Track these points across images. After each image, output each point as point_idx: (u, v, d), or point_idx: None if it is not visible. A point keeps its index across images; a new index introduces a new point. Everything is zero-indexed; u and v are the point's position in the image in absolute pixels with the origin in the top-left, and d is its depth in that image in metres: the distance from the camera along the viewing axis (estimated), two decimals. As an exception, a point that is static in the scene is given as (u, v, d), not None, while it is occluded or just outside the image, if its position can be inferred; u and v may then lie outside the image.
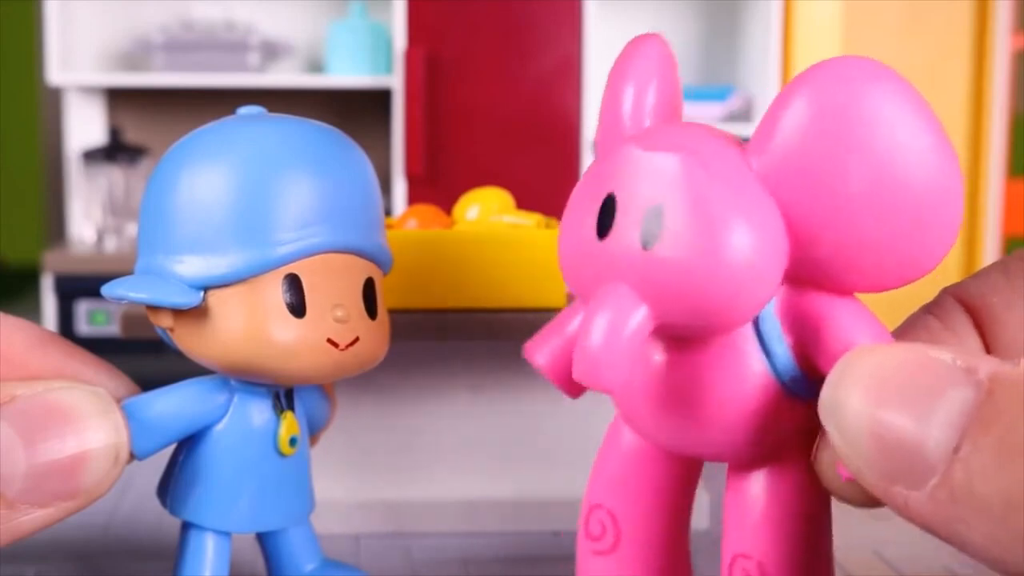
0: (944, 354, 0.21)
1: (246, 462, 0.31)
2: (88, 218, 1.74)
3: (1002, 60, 1.59)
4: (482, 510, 0.44)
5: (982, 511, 0.20)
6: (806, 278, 0.25)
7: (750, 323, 0.26)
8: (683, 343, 0.26)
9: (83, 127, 1.79)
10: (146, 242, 0.30)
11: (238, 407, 0.31)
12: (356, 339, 0.30)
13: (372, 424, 0.43)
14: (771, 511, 0.27)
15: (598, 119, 0.29)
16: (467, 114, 1.68)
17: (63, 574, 0.39)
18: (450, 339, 0.42)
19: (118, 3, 1.81)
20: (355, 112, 1.80)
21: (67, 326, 1.61)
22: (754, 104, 1.74)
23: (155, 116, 1.83)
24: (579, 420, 0.44)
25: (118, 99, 1.83)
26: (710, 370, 0.26)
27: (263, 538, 0.34)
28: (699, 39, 1.87)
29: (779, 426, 0.26)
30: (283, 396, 0.32)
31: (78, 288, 1.61)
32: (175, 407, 0.30)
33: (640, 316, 0.25)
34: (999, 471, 0.19)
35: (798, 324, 0.26)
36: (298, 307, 0.29)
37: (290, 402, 0.32)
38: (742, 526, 0.28)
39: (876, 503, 0.23)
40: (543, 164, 1.68)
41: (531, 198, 0.63)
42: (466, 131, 1.68)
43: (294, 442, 0.32)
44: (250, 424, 0.31)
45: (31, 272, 1.82)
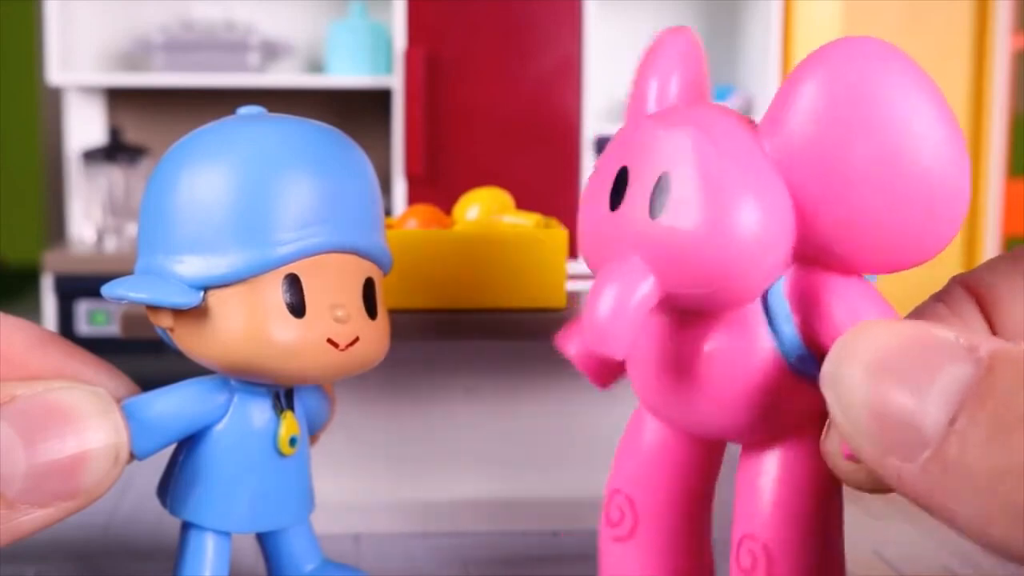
0: (947, 332, 0.21)
1: (246, 462, 0.31)
2: (88, 218, 1.74)
3: (1002, 60, 1.59)
4: (482, 510, 0.44)
5: (972, 484, 0.20)
6: (815, 258, 0.26)
7: (759, 301, 0.26)
8: (693, 318, 0.27)
9: (83, 127, 1.79)
10: (146, 242, 0.30)
11: (238, 407, 0.31)
12: (356, 339, 0.30)
13: (372, 424, 0.43)
14: (779, 494, 0.27)
15: (625, 113, 0.29)
16: (467, 114, 1.68)
17: (63, 574, 0.39)
18: (450, 339, 0.42)
19: (118, 3, 1.81)
20: (355, 112, 1.80)
21: (67, 326, 1.61)
22: (754, 104, 1.74)
23: (155, 116, 1.83)
24: (580, 420, 0.44)
25: (118, 99, 1.83)
26: (718, 346, 0.26)
27: (263, 538, 0.34)
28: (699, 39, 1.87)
29: (785, 405, 0.26)
30: (283, 396, 0.32)
31: (78, 288, 1.61)
32: (175, 407, 0.30)
33: (647, 286, 0.25)
34: (992, 444, 0.19)
35: (805, 303, 0.26)
36: (298, 307, 0.29)
37: (290, 402, 0.32)
38: (750, 507, 0.28)
39: (881, 488, 0.23)
40: (543, 164, 1.68)
41: (531, 198, 0.63)
42: (466, 131, 1.68)
43: (294, 442, 0.32)
44: (250, 424, 0.31)
45: (31, 272, 1.82)
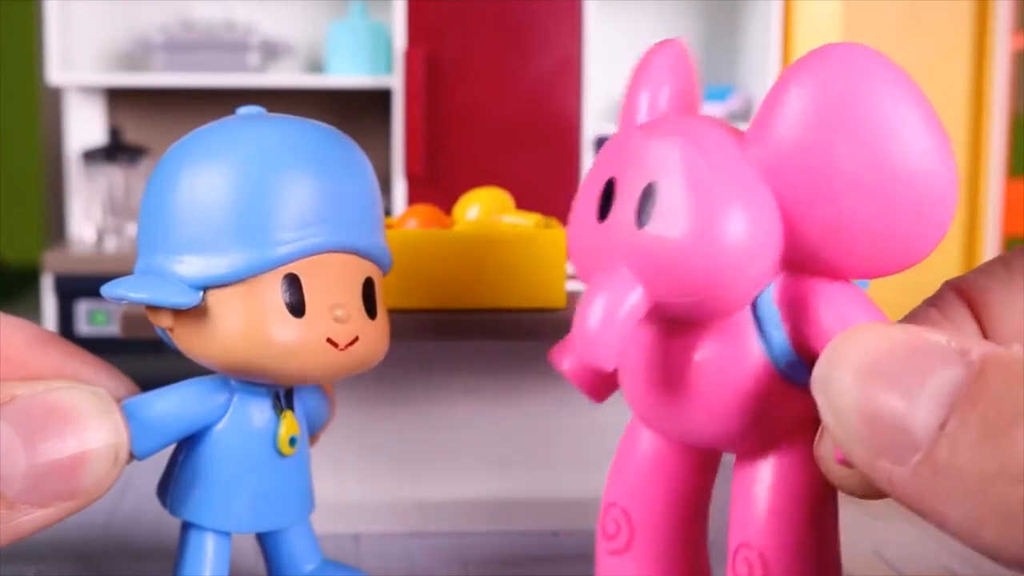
0: (939, 336, 0.21)
1: (246, 462, 0.31)
2: (88, 218, 1.74)
3: (1002, 60, 1.59)
4: (482, 510, 0.44)
5: (963, 487, 0.20)
6: (804, 264, 0.26)
7: (748, 308, 0.26)
8: (683, 328, 0.27)
9: (83, 127, 1.79)
10: (146, 242, 0.30)
11: (238, 407, 0.31)
12: (356, 339, 0.30)
13: (372, 424, 0.43)
14: (773, 501, 0.27)
15: (619, 124, 0.29)
16: (467, 114, 1.68)
17: (63, 574, 0.39)
18: (449, 339, 0.42)
19: (118, 3, 1.81)
20: (355, 112, 1.80)
21: (67, 326, 1.61)
22: (754, 104, 1.74)
23: (155, 116, 1.83)
24: (579, 420, 0.44)
25: (118, 99, 1.83)
26: (709, 355, 0.26)
27: (263, 538, 0.34)
28: (699, 39, 1.87)
29: (777, 412, 0.26)
30: (283, 396, 0.32)
31: (78, 288, 1.61)
32: (175, 407, 0.30)
33: (636, 296, 0.25)
34: (982, 447, 0.19)
35: (795, 309, 0.26)
36: (298, 307, 0.29)
37: (290, 402, 0.32)
38: (745, 516, 0.28)
39: (874, 493, 0.23)
40: (543, 164, 1.68)
41: (531, 198, 0.63)
42: (466, 131, 1.68)
43: (294, 442, 0.32)
44: (250, 424, 0.31)
45: (31, 272, 1.82)
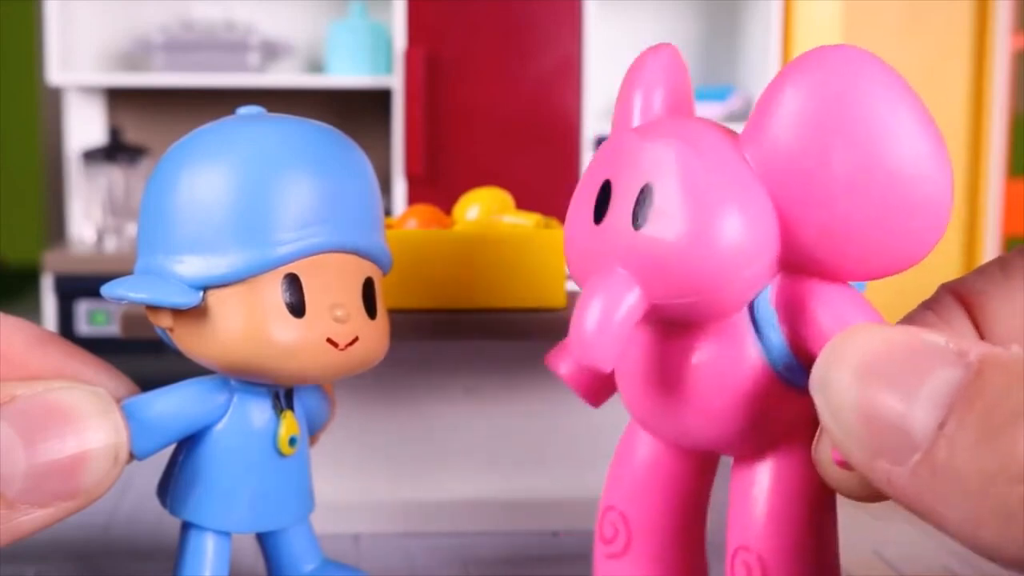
0: (937, 337, 0.21)
1: (246, 462, 0.31)
2: (88, 218, 1.74)
3: (1002, 60, 1.59)
4: (482, 510, 0.44)
5: (962, 487, 0.20)
6: (800, 266, 0.26)
7: (746, 311, 0.26)
8: (680, 330, 0.27)
9: (83, 127, 1.79)
10: (146, 242, 0.30)
11: (238, 407, 0.31)
12: (355, 339, 0.30)
13: (372, 424, 0.43)
14: (771, 504, 0.27)
15: (611, 128, 0.29)
16: (467, 114, 1.68)
17: (63, 574, 0.39)
18: (449, 339, 0.42)
19: (118, 3, 1.81)
20: (355, 112, 1.80)
21: (67, 326, 1.61)
22: (754, 104, 1.74)
23: (155, 116, 1.83)
24: (579, 420, 0.44)
25: (118, 99, 1.83)
26: (706, 357, 0.26)
27: (263, 538, 0.34)
28: (699, 39, 1.87)
29: (774, 414, 0.26)
30: (283, 396, 0.32)
31: (78, 288, 1.61)
32: (175, 407, 0.30)
33: (633, 297, 0.25)
34: (981, 447, 0.19)
35: (792, 311, 0.26)
36: (298, 307, 0.29)
37: (290, 402, 0.32)
38: (744, 519, 0.28)
39: (872, 496, 0.23)
40: (543, 164, 1.68)
41: (531, 198, 0.63)
42: (466, 131, 1.68)
43: (294, 442, 0.32)
44: (250, 424, 0.31)
45: (31, 272, 1.82)
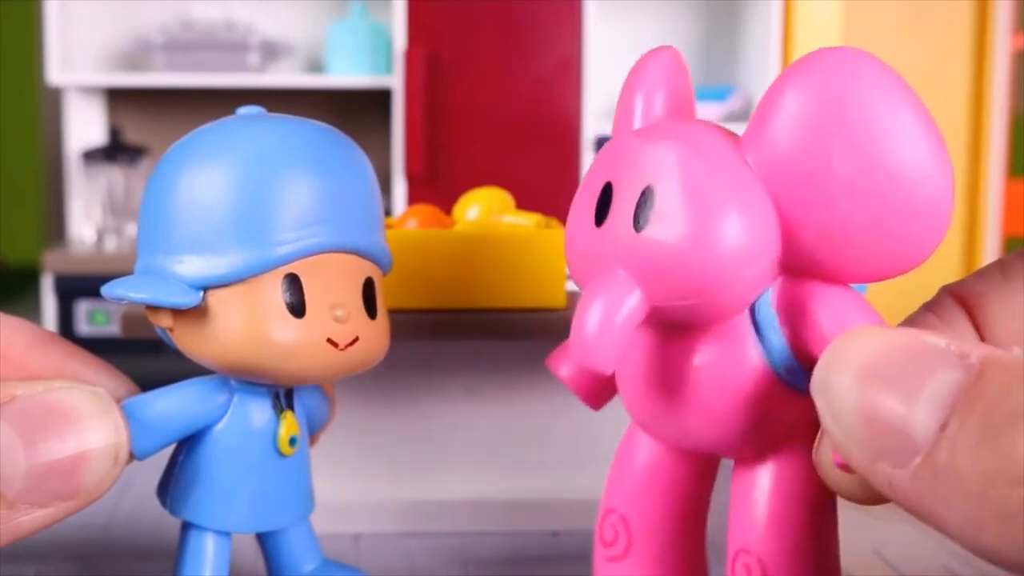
0: (938, 339, 0.21)
1: (246, 462, 0.31)
2: (88, 218, 1.74)
3: (1002, 60, 1.59)
4: (482, 510, 0.44)
5: (963, 489, 0.20)
6: (802, 269, 0.26)
7: (747, 313, 0.26)
8: (681, 332, 0.27)
9: (83, 127, 1.79)
10: (146, 242, 0.30)
11: (238, 407, 0.31)
12: (356, 339, 0.30)
13: (372, 424, 0.43)
14: (772, 507, 0.27)
15: (612, 131, 0.29)
16: (467, 114, 1.68)
17: (63, 574, 0.39)
18: (449, 339, 0.42)
19: (118, 3, 1.81)
20: (355, 112, 1.80)
21: (67, 326, 1.61)
22: (754, 104, 1.74)
23: (155, 116, 1.83)
24: (579, 420, 0.44)
25: (118, 99, 1.83)
26: (707, 359, 0.26)
27: (263, 538, 0.34)
28: (699, 39, 1.87)
29: (775, 416, 0.26)
30: (283, 396, 0.32)
31: (78, 288, 1.61)
32: (175, 407, 0.30)
33: (634, 299, 0.25)
34: (982, 449, 0.19)
35: (793, 313, 0.26)
36: (298, 307, 0.29)
37: (290, 402, 0.32)
38: (744, 521, 0.28)
39: (873, 499, 0.23)
40: (543, 164, 1.68)
41: (531, 198, 0.63)
42: (466, 131, 1.68)
43: (294, 442, 0.32)
44: (250, 424, 0.31)
45: (31, 272, 1.82)
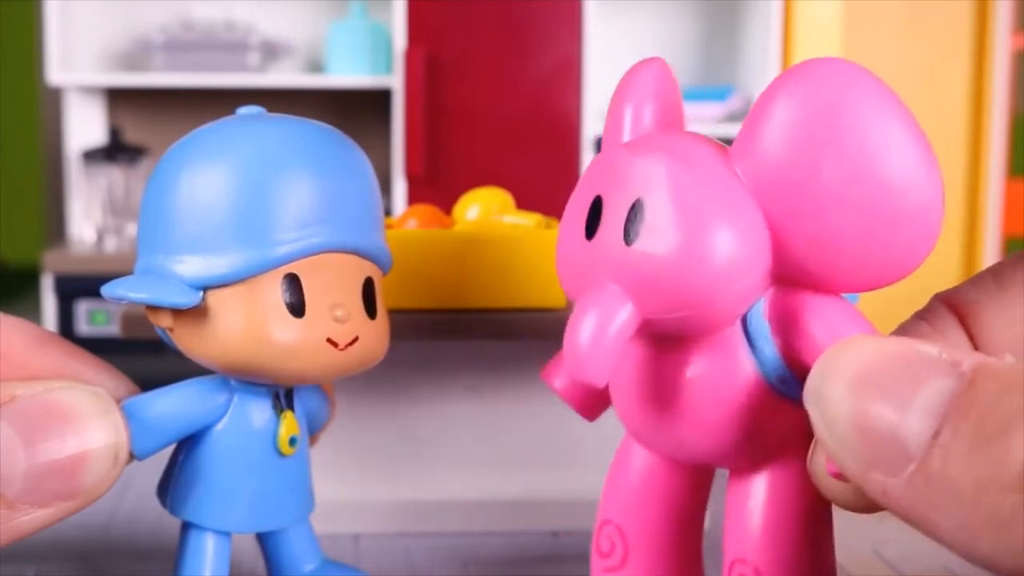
0: (930, 348, 0.21)
1: (246, 462, 0.31)
2: (88, 218, 1.74)
3: (1002, 60, 1.59)
4: (482, 510, 0.44)
5: (957, 497, 0.20)
6: (793, 279, 0.26)
7: (739, 324, 0.26)
8: (674, 344, 0.27)
9: (83, 127, 1.79)
10: (146, 242, 0.30)
11: (238, 407, 0.31)
12: (355, 339, 0.30)
13: (372, 424, 0.43)
14: (767, 516, 0.27)
15: (602, 142, 0.29)
16: (467, 114, 1.68)
17: (63, 574, 0.39)
18: (449, 339, 0.42)
19: (118, 3, 1.81)
20: (355, 112, 1.80)
21: (67, 326, 1.61)
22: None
23: (155, 116, 1.83)
24: (579, 420, 0.44)
25: (118, 99, 1.83)
26: (700, 371, 0.26)
27: (263, 538, 0.34)
28: (699, 39, 1.87)
29: (769, 427, 0.26)
30: (283, 396, 0.32)
31: (78, 288, 1.61)
32: (175, 407, 0.30)
33: (626, 313, 0.25)
34: (975, 456, 0.19)
35: (785, 323, 0.26)
36: (297, 307, 0.29)
37: (290, 402, 0.32)
38: (740, 531, 0.28)
39: (867, 507, 0.23)
40: (543, 164, 1.68)
41: (531, 198, 0.63)
42: (466, 131, 1.68)
43: (294, 442, 0.32)
44: (250, 424, 0.31)
45: (31, 272, 1.82)
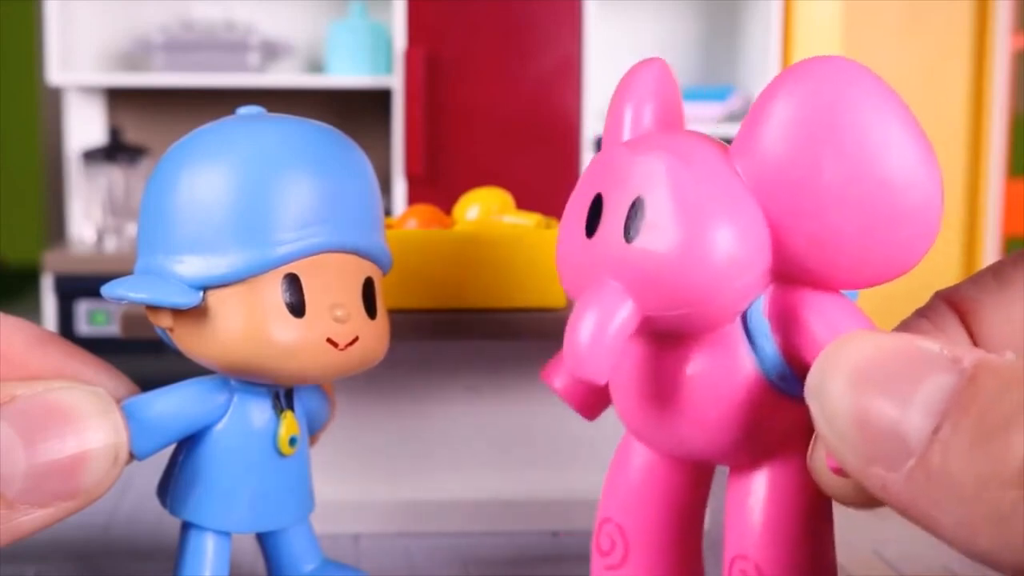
0: (931, 344, 0.21)
1: (246, 462, 0.31)
2: (88, 218, 1.74)
3: (1002, 60, 1.59)
4: (482, 510, 0.44)
5: (957, 492, 0.20)
6: (793, 276, 0.26)
7: (739, 321, 0.26)
8: (674, 341, 0.27)
9: (83, 127, 1.79)
10: (146, 242, 0.30)
11: (238, 407, 0.31)
12: (355, 339, 0.30)
13: (372, 424, 0.43)
14: (768, 512, 0.27)
15: (602, 142, 0.29)
16: (467, 114, 1.68)
17: (63, 574, 0.39)
18: (449, 339, 0.42)
19: (118, 3, 1.81)
20: (355, 112, 1.80)
21: (67, 326, 1.61)
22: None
23: (155, 116, 1.83)
24: (579, 420, 0.44)
25: (118, 99, 1.83)
26: (700, 368, 0.26)
27: (263, 538, 0.34)
28: (699, 39, 1.87)
29: (769, 424, 0.26)
30: (283, 396, 0.32)
31: (78, 288, 1.61)
32: (175, 407, 0.30)
33: (626, 310, 0.25)
34: (975, 452, 0.19)
35: (786, 320, 0.26)
36: (298, 307, 0.29)
37: (290, 402, 0.32)
38: (741, 527, 0.28)
39: (868, 502, 0.23)
40: (543, 164, 1.68)
41: (531, 198, 0.63)
42: (466, 131, 1.68)
43: (294, 442, 0.32)
44: (250, 424, 0.31)
45: (31, 272, 1.82)
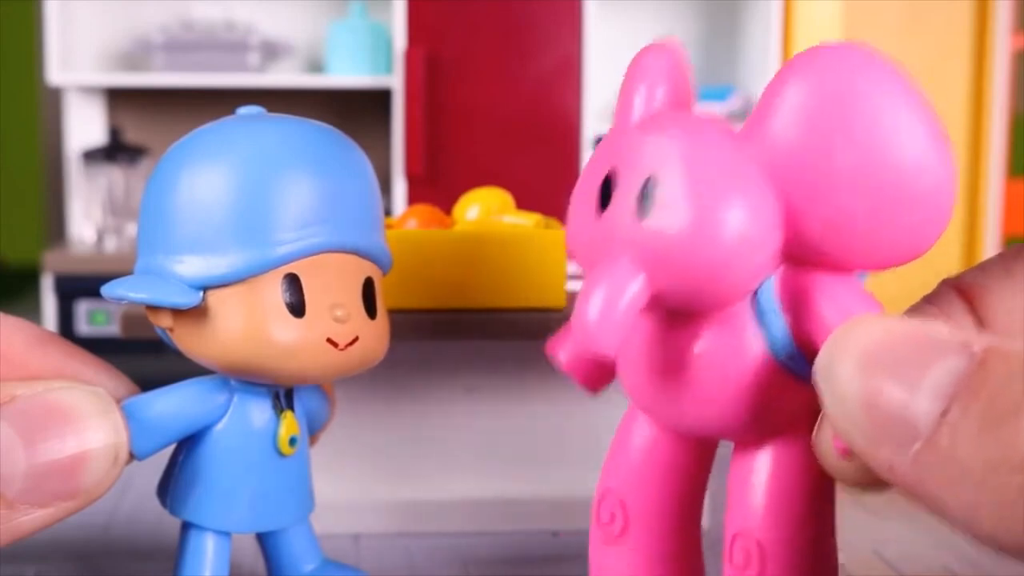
0: (941, 327, 0.21)
1: (246, 462, 0.31)
2: (88, 218, 1.74)
3: (1002, 60, 1.59)
4: (482, 510, 0.44)
5: (963, 475, 0.20)
6: (804, 257, 0.26)
7: (749, 300, 0.26)
8: (684, 319, 0.27)
9: (83, 127, 1.79)
10: (146, 242, 0.30)
11: (238, 407, 0.31)
12: (355, 339, 0.30)
13: (372, 424, 0.43)
14: (771, 491, 0.27)
15: (612, 123, 0.29)
16: (467, 114, 1.68)
17: (63, 574, 0.39)
18: (449, 339, 0.42)
19: (118, 3, 1.81)
20: (355, 112, 1.80)
21: (67, 326, 1.61)
22: (754, 104, 1.74)
23: (155, 116, 1.83)
24: (579, 420, 0.44)
25: (118, 99, 1.82)
26: (709, 346, 0.27)
27: (263, 538, 0.34)
28: (699, 39, 1.87)
29: (776, 404, 0.27)
30: (283, 396, 0.32)
31: (78, 288, 1.61)
32: (175, 407, 0.30)
33: (636, 285, 0.25)
34: (983, 436, 0.19)
35: (796, 301, 0.26)
36: (298, 307, 0.29)
37: (290, 402, 0.32)
38: (743, 504, 0.28)
39: (872, 484, 0.23)
40: (543, 164, 1.68)
41: (531, 198, 0.63)
42: (466, 131, 1.68)
43: (294, 442, 0.32)
44: (250, 424, 0.31)
45: (31, 272, 1.82)
